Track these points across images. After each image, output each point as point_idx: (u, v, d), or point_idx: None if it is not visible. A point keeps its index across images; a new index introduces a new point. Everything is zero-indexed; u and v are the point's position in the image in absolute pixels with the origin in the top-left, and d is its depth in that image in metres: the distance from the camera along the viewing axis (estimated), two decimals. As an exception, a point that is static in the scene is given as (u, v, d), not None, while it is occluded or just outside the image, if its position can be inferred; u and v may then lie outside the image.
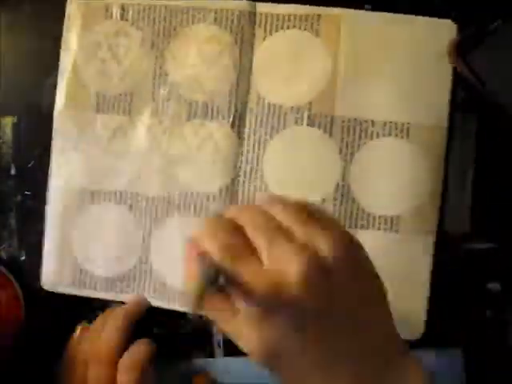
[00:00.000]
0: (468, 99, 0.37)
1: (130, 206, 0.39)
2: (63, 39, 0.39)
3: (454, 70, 0.37)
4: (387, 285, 0.37)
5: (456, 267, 0.38)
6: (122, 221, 0.39)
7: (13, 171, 0.40)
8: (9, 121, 0.40)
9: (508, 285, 0.38)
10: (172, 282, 0.39)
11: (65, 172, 0.39)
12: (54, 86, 0.39)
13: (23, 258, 0.41)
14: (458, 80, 0.37)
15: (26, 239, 0.40)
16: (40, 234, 0.40)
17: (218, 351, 0.39)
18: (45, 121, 0.40)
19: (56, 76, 0.39)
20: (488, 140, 0.38)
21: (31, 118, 0.40)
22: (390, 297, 0.37)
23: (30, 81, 0.40)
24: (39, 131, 0.40)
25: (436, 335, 0.38)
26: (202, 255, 0.24)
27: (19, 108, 0.40)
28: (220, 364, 0.39)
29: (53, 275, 0.40)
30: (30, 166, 0.40)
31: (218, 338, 0.39)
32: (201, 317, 0.38)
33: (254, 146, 0.38)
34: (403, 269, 0.37)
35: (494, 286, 0.38)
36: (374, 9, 0.37)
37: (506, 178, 0.38)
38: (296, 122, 0.38)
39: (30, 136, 0.40)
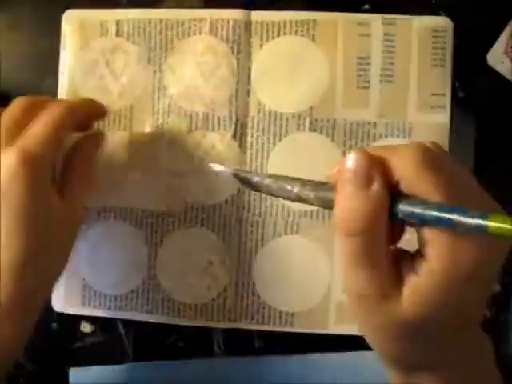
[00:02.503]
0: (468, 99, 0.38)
1: (136, 222, 0.39)
2: (60, 58, 0.39)
3: (454, 68, 0.37)
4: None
5: None
6: (127, 237, 0.39)
7: None
8: None
9: (508, 285, 0.38)
10: (180, 297, 0.39)
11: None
12: (54, 86, 0.39)
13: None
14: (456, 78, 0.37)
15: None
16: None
17: (219, 352, 0.39)
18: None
19: (56, 76, 0.39)
20: (488, 140, 0.38)
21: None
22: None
23: (29, 81, 0.40)
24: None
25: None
26: None
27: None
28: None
29: (62, 298, 0.39)
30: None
31: (218, 339, 0.39)
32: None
33: (257, 154, 0.38)
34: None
35: (493, 286, 0.38)
36: (372, 8, 0.38)
37: (506, 178, 0.38)
38: (298, 128, 0.38)
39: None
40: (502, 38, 0.37)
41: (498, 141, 0.38)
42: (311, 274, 0.38)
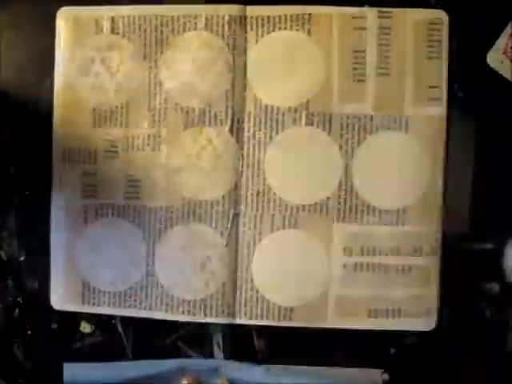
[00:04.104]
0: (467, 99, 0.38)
1: (133, 219, 0.39)
2: (55, 56, 0.39)
3: (449, 64, 0.37)
4: (400, 277, 0.37)
5: (456, 267, 0.38)
6: (125, 234, 0.39)
7: (13, 171, 0.40)
8: (8, 121, 0.40)
9: (508, 285, 0.38)
10: (178, 293, 0.39)
11: (65, 190, 0.39)
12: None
13: (23, 258, 0.40)
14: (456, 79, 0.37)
15: (26, 239, 0.40)
16: (40, 234, 0.40)
17: (218, 352, 0.39)
18: (45, 121, 0.39)
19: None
20: (488, 140, 0.38)
21: (31, 118, 0.40)
22: (404, 288, 0.38)
23: (29, 81, 0.40)
24: (39, 131, 0.39)
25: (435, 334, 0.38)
26: None
27: (18, 108, 0.40)
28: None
29: (62, 296, 0.39)
30: (30, 166, 0.40)
31: (218, 339, 0.39)
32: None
33: (254, 149, 0.38)
34: (414, 261, 0.38)
35: (493, 286, 0.38)
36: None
37: (506, 178, 0.38)
38: (294, 123, 0.38)
39: (30, 136, 0.40)
40: (502, 38, 0.37)
41: (498, 141, 0.38)
42: (310, 267, 0.38)
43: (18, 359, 0.40)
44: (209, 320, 0.38)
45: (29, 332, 0.40)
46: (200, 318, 0.38)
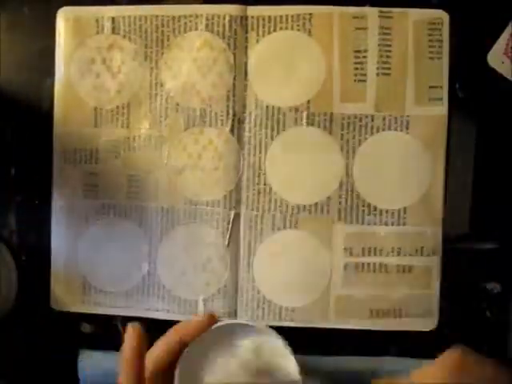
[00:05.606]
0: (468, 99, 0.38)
1: (135, 219, 0.39)
2: (56, 56, 0.39)
3: (450, 64, 0.37)
4: (400, 277, 0.38)
5: (456, 267, 0.38)
6: (127, 234, 0.39)
7: (13, 171, 0.40)
8: (9, 121, 0.40)
9: (508, 285, 0.38)
10: (180, 293, 0.39)
11: (66, 190, 0.39)
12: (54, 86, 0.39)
13: (23, 258, 0.40)
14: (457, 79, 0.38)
15: (26, 239, 0.40)
16: (40, 234, 0.40)
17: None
18: (45, 121, 0.39)
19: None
20: (488, 140, 0.38)
21: (31, 118, 0.40)
22: (404, 288, 0.38)
23: (29, 81, 0.40)
24: (39, 131, 0.40)
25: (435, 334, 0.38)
26: None
27: (19, 108, 0.40)
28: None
29: (62, 296, 0.39)
30: (29, 166, 0.40)
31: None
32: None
33: (254, 149, 0.38)
34: (415, 261, 0.38)
35: (493, 286, 0.38)
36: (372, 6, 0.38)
37: (506, 178, 0.38)
38: (295, 123, 0.38)
39: (30, 136, 0.40)
40: (502, 38, 0.37)
41: (498, 140, 0.38)
42: (311, 268, 0.38)
43: (18, 359, 0.40)
44: (210, 320, 0.38)
45: (29, 332, 0.40)
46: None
